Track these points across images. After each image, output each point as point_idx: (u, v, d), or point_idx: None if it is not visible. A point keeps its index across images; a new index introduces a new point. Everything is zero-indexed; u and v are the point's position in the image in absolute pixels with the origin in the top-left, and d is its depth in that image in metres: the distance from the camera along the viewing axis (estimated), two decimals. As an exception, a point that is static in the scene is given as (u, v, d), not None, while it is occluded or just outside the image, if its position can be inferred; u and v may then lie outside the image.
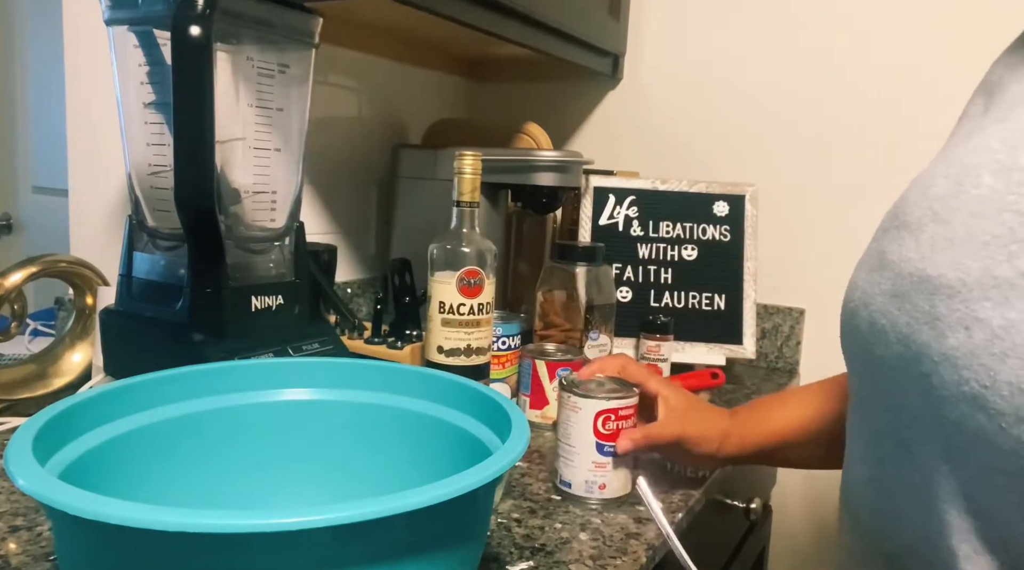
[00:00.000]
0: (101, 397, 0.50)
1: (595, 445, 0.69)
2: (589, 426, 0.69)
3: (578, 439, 0.70)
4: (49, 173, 1.96)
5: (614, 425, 0.69)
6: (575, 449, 0.70)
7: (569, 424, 0.70)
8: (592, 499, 0.69)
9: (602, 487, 0.69)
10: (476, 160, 0.80)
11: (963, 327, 0.36)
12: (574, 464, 0.70)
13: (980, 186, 0.39)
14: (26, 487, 0.36)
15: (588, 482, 0.69)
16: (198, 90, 0.66)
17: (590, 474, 0.69)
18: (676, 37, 1.37)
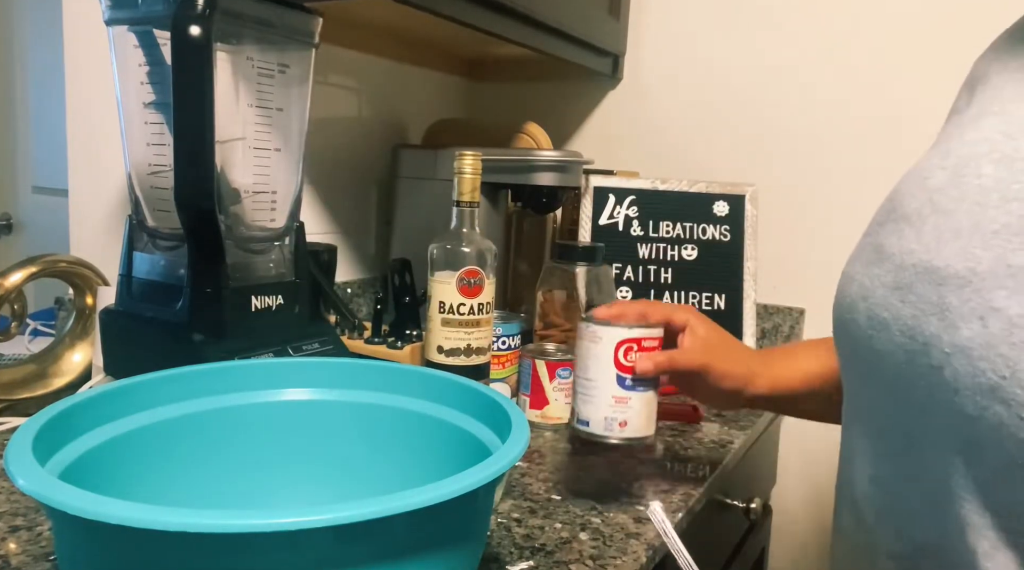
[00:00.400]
0: (101, 397, 0.50)
1: (616, 378, 0.65)
2: (610, 357, 0.64)
3: (598, 372, 0.65)
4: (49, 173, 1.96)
5: (637, 356, 0.64)
6: (594, 383, 0.65)
7: (588, 356, 0.66)
8: (612, 438, 0.65)
9: (623, 424, 0.65)
10: (476, 160, 0.80)
11: (977, 317, 0.35)
12: (593, 399, 0.65)
13: (982, 176, 0.39)
14: (26, 487, 0.36)
15: (608, 419, 0.65)
16: (198, 90, 0.66)
17: (610, 410, 0.65)
18: (676, 37, 1.37)
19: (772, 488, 1.32)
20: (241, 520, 0.33)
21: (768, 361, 0.70)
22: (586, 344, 0.66)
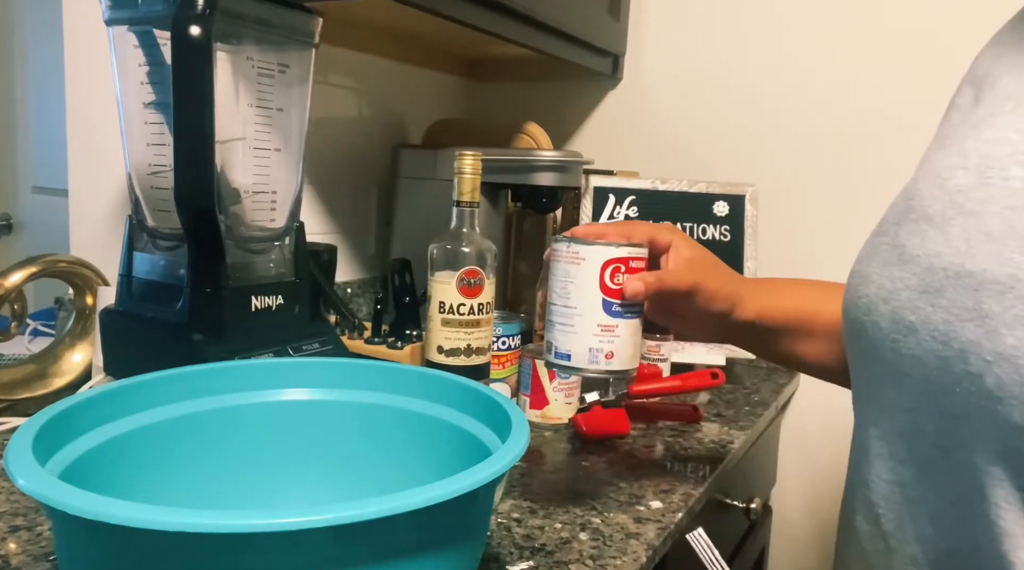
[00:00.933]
0: (101, 397, 0.50)
1: (602, 303, 0.57)
2: (595, 280, 0.57)
3: (580, 297, 0.58)
4: (49, 173, 1.96)
5: (624, 278, 0.57)
6: (576, 310, 0.58)
7: (568, 280, 0.58)
8: (596, 370, 0.58)
9: (609, 356, 0.58)
10: (476, 160, 0.80)
11: (1022, 325, 0.35)
12: (575, 329, 0.58)
13: (1010, 178, 0.38)
14: (26, 487, 0.36)
15: (593, 350, 0.58)
16: (198, 90, 0.66)
17: (595, 340, 0.58)
18: (676, 37, 1.37)
19: (772, 488, 1.32)
20: (241, 520, 0.33)
21: (758, 288, 0.67)
22: (564, 266, 0.58)
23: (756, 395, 1.12)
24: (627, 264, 0.58)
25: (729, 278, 0.64)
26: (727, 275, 0.64)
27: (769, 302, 0.65)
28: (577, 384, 0.91)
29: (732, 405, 1.06)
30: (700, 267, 0.62)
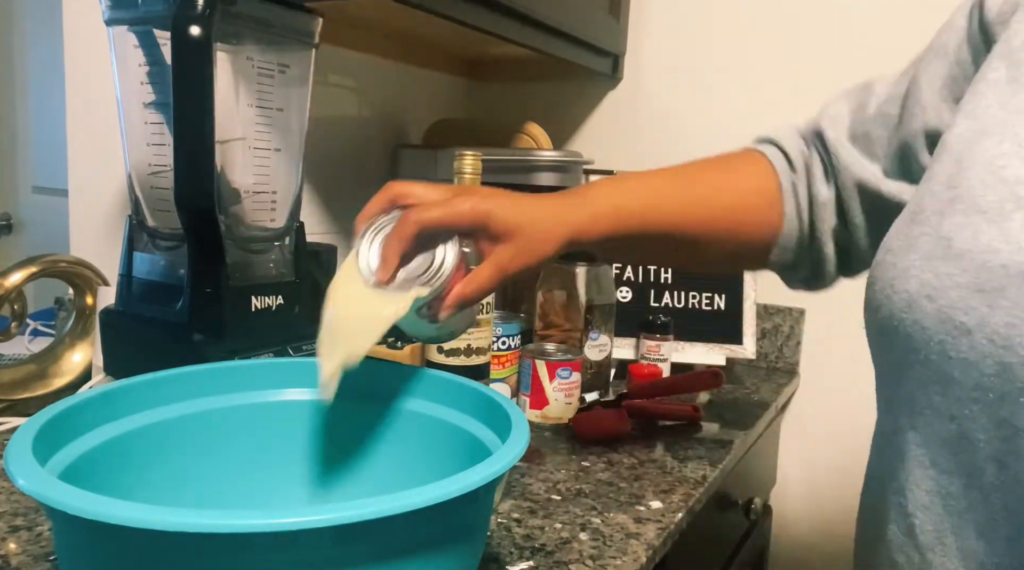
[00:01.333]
0: (101, 397, 0.50)
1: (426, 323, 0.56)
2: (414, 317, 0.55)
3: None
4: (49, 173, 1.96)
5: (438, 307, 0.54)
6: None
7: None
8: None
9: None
10: (476, 160, 0.80)
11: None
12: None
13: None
14: (26, 487, 0.36)
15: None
16: (198, 90, 0.66)
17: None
18: (676, 37, 1.37)
19: (772, 488, 1.32)
20: (241, 520, 0.33)
21: (599, 200, 0.60)
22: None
23: (756, 395, 1.12)
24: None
25: (554, 220, 0.56)
26: (550, 218, 0.55)
27: (617, 210, 0.60)
28: (577, 384, 0.92)
29: (732, 405, 1.06)
30: (511, 244, 0.54)
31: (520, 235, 0.54)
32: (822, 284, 0.69)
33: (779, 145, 0.68)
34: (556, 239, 0.56)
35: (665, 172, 0.67)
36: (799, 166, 0.66)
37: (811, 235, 0.66)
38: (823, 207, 0.64)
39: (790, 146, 0.68)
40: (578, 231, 0.57)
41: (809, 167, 0.66)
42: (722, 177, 0.67)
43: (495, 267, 0.54)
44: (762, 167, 0.67)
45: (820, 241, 0.65)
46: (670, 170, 0.68)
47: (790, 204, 0.66)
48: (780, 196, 0.66)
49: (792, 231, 0.66)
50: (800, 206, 0.66)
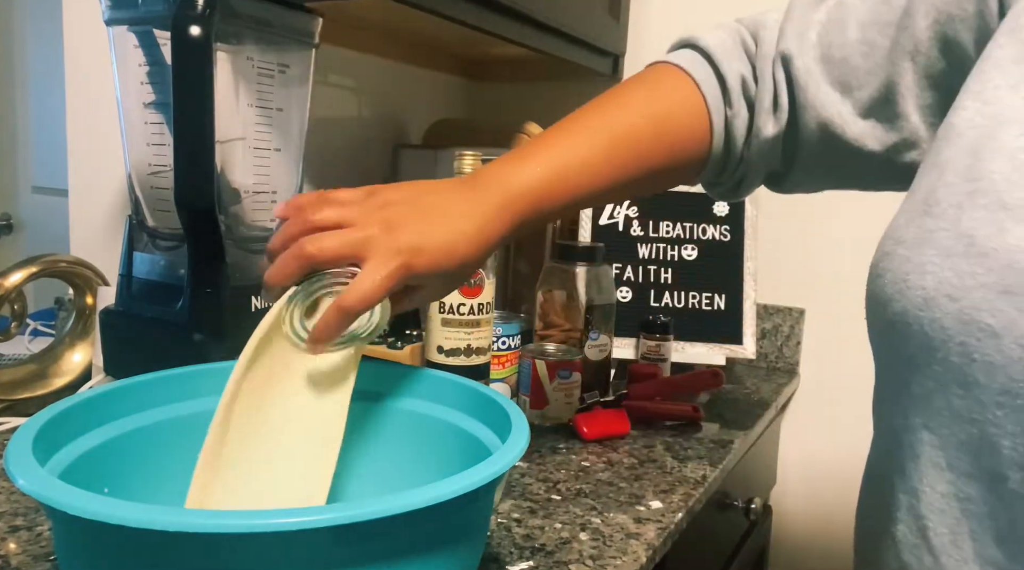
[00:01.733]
0: (101, 397, 0.50)
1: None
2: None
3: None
4: (49, 173, 1.96)
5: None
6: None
7: None
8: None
9: None
10: (476, 160, 0.80)
11: None
12: None
13: None
14: (26, 487, 0.36)
15: None
16: (198, 90, 0.66)
17: None
18: (676, 37, 1.37)
19: (772, 488, 1.32)
20: (241, 520, 0.33)
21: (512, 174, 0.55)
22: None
23: (756, 395, 1.12)
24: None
25: (454, 226, 0.51)
26: (469, 232, 0.51)
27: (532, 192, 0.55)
28: (577, 384, 0.91)
29: (732, 405, 1.06)
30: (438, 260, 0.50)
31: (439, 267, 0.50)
32: (740, 197, 0.68)
33: (714, 62, 0.62)
34: (479, 266, 0.54)
35: (578, 130, 0.61)
36: (736, 96, 0.60)
37: (740, 162, 0.63)
38: (765, 142, 0.60)
39: (728, 67, 0.61)
40: (504, 238, 0.53)
41: (750, 95, 0.60)
42: (642, 117, 0.60)
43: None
44: (689, 95, 0.60)
45: (751, 169, 0.62)
46: (589, 121, 0.61)
47: (719, 136, 0.61)
48: (709, 127, 0.61)
49: (718, 160, 0.63)
50: (733, 137, 0.61)
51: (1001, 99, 0.42)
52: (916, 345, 0.40)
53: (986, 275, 0.37)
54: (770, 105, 0.59)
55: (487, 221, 0.52)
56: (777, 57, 0.58)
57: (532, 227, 0.56)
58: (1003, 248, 0.36)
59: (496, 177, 0.54)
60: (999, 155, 0.39)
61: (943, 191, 0.41)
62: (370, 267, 0.47)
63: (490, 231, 0.52)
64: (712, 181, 0.67)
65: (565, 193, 0.56)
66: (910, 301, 0.40)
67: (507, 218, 0.53)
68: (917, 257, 0.40)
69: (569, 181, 0.56)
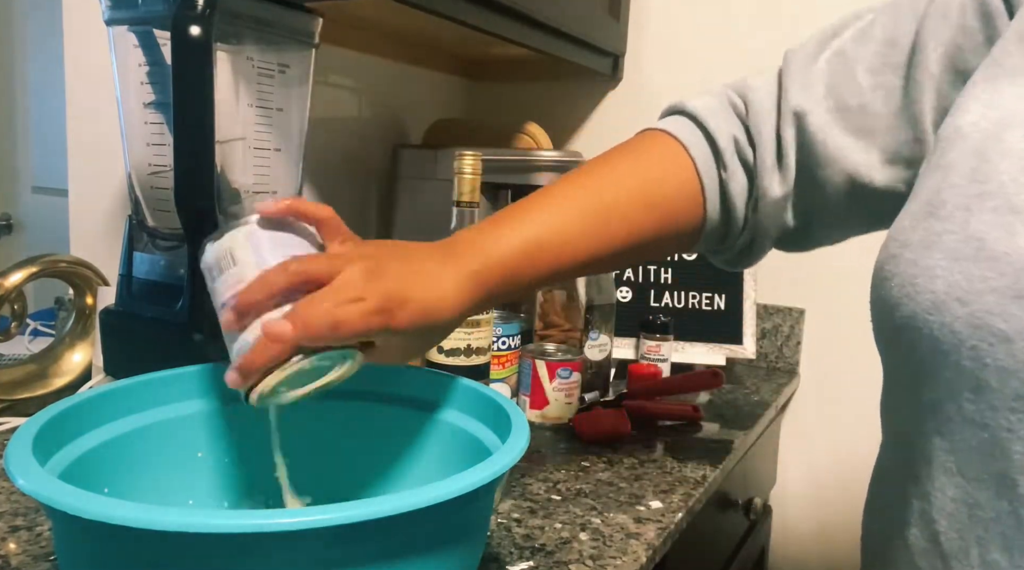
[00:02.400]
0: (101, 397, 0.50)
1: None
2: None
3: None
4: (49, 173, 1.96)
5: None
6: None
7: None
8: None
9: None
10: (476, 160, 0.80)
11: None
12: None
13: None
14: (26, 487, 0.36)
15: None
16: (198, 90, 0.66)
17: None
18: (676, 37, 1.37)
19: (772, 488, 1.32)
20: (241, 520, 0.33)
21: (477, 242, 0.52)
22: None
23: (756, 395, 1.12)
24: None
25: (451, 290, 0.49)
26: (444, 289, 0.48)
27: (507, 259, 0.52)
28: (577, 384, 0.92)
29: (732, 405, 1.06)
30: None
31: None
32: (750, 264, 0.65)
33: (702, 124, 0.59)
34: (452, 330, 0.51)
35: (566, 196, 0.56)
36: (729, 156, 0.58)
37: (745, 226, 0.59)
38: (773, 204, 0.57)
39: (716, 127, 0.58)
40: (478, 303, 0.51)
41: (744, 156, 0.58)
42: (632, 184, 0.57)
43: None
44: (677, 160, 0.58)
45: (760, 233, 0.59)
46: (571, 191, 0.57)
47: (713, 200, 0.58)
48: (700, 191, 0.58)
49: (716, 226, 0.60)
50: (730, 200, 0.58)
51: (1006, 103, 0.42)
52: (926, 349, 0.40)
53: (997, 279, 0.36)
54: (773, 164, 0.57)
55: (462, 288, 0.49)
56: (787, 114, 0.56)
57: (507, 298, 0.54)
58: (1015, 251, 0.36)
59: (472, 244, 0.52)
60: (1006, 157, 0.39)
61: (949, 193, 0.40)
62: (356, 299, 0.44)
63: (465, 298, 0.49)
64: (714, 248, 0.64)
65: (541, 266, 0.53)
66: (919, 305, 0.40)
67: (479, 287, 0.50)
68: (924, 260, 0.40)
69: (544, 254, 0.53)
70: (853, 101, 0.54)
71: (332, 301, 0.43)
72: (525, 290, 0.54)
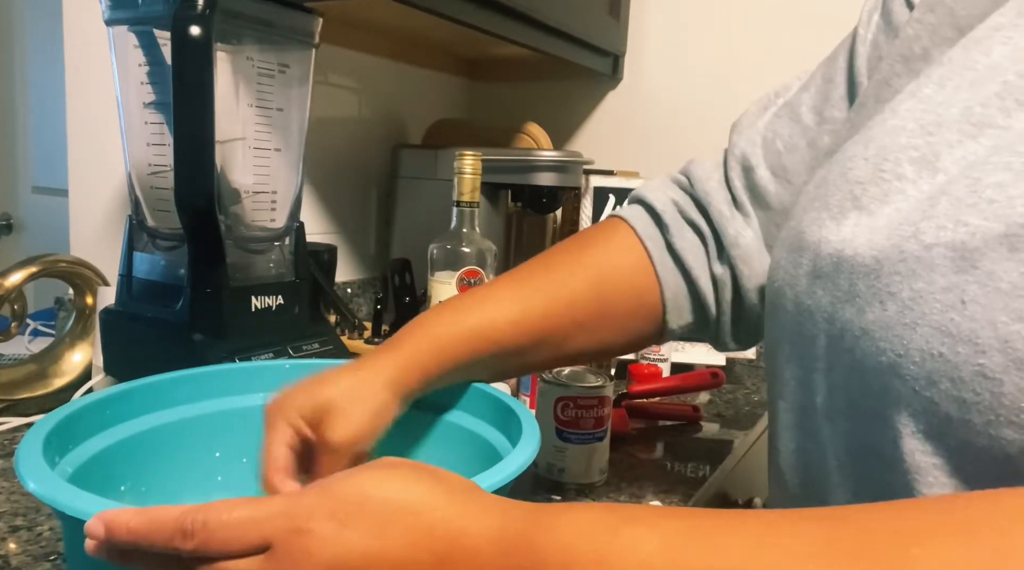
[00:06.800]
0: (112, 399, 0.50)
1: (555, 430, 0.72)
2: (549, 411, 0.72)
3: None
4: (49, 173, 1.96)
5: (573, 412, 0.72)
6: None
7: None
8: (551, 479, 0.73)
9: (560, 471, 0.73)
10: (476, 160, 0.80)
11: (878, 301, 0.37)
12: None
13: (903, 178, 0.39)
14: (37, 491, 0.35)
15: (549, 464, 0.73)
16: (198, 90, 0.66)
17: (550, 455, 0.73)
18: (676, 37, 1.37)
19: (772, 488, 1.32)
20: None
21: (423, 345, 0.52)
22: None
23: (756, 395, 1.12)
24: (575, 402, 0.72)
25: (372, 395, 0.49)
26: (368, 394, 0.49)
27: (436, 346, 0.52)
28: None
29: (732, 405, 1.06)
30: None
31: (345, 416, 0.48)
32: (757, 338, 0.59)
33: (642, 199, 0.59)
34: (376, 401, 0.50)
35: (508, 283, 0.56)
36: (670, 218, 0.57)
37: (718, 290, 0.57)
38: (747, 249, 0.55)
39: (654, 197, 0.58)
40: (396, 378, 0.50)
41: (689, 216, 0.57)
42: (575, 265, 0.56)
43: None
44: (622, 239, 0.58)
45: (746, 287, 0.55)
46: (515, 278, 0.57)
47: (664, 265, 0.57)
48: (649, 259, 0.56)
49: (681, 295, 0.57)
50: (683, 262, 0.56)
51: (871, 122, 0.46)
52: (775, 329, 0.47)
53: (806, 264, 0.43)
54: (731, 212, 0.56)
55: (368, 368, 0.50)
56: (734, 165, 0.56)
57: (444, 376, 0.53)
58: (817, 240, 0.42)
59: (405, 329, 0.52)
60: (836, 162, 0.45)
61: (803, 197, 0.46)
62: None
63: (373, 373, 0.50)
64: (702, 325, 0.59)
65: (478, 344, 0.53)
66: (772, 293, 0.47)
67: (398, 363, 0.50)
68: (776, 256, 0.47)
69: (477, 339, 0.53)
70: (801, 141, 0.55)
71: None
72: (463, 373, 0.54)
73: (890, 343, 0.36)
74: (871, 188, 0.41)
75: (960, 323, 0.34)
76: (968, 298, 0.34)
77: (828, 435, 0.42)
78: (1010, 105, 0.38)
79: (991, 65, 0.40)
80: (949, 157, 0.38)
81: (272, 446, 0.47)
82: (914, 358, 0.35)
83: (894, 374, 0.36)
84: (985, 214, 0.34)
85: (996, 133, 0.38)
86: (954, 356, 0.34)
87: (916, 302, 0.35)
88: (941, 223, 0.36)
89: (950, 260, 0.35)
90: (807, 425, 0.44)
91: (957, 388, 0.34)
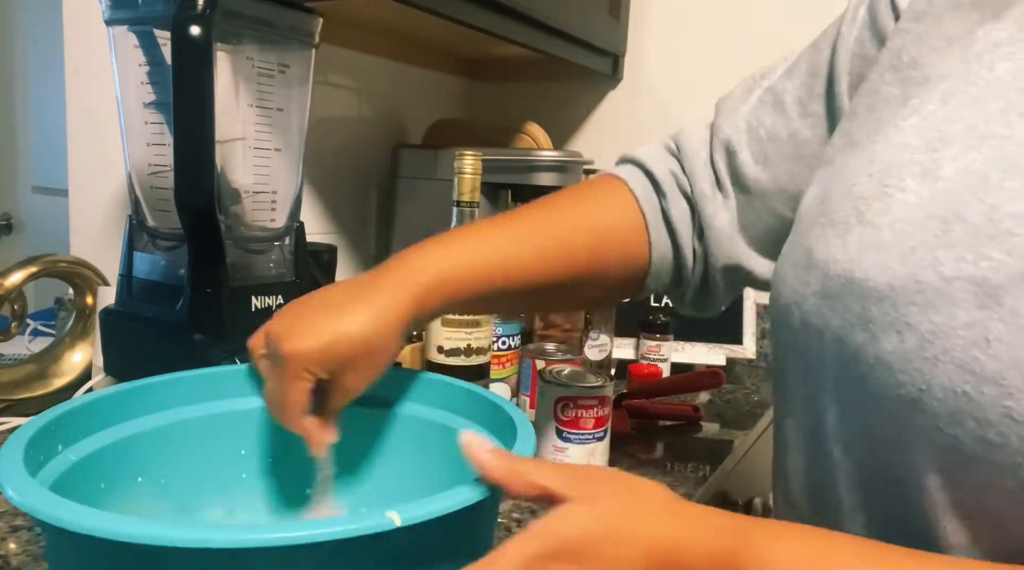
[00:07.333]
0: (98, 402, 0.49)
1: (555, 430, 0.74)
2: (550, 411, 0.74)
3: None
4: (49, 173, 1.96)
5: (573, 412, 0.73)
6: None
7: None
8: None
9: None
10: (476, 160, 0.80)
11: (895, 331, 0.36)
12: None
13: (905, 190, 0.39)
14: (15, 499, 0.35)
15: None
16: (198, 90, 0.66)
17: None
18: (676, 37, 1.37)
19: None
20: (237, 535, 0.32)
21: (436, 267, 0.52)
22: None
23: (756, 395, 1.12)
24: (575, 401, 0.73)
25: (383, 326, 0.49)
26: (379, 325, 0.49)
27: (444, 280, 0.52)
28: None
29: (732, 405, 1.06)
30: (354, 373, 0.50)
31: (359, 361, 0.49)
32: (714, 308, 0.63)
33: (640, 163, 0.62)
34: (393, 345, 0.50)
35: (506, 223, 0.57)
36: (668, 187, 0.60)
37: (695, 261, 0.60)
38: (719, 232, 0.57)
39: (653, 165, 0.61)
40: (408, 318, 0.50)
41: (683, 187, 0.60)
42: (574, 215, 0.59)
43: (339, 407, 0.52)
44: (619, 192, 0.61)
45: (714, 267, 0.58)
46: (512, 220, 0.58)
47: (657, 229, 0.59)
48: (644, 221, 0.59)
49: (666, 258, 0.60)
50: (675, 228, 0.59)
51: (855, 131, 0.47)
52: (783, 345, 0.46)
53: (815, 283, 0.42)
54: (713, 192, 0.58)
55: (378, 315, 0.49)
56: (719, 148, 0.60)
57: (444, 312, 0.54)
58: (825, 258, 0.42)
59: (405, 261, 0.52)
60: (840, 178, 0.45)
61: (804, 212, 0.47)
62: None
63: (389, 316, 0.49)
64: (673, 287, 0.62)
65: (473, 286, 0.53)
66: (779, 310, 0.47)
67: (408, 302, 0.50)
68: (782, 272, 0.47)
69: (477, 273, 0.53)
70: (783, 131, 0.56)
71: None
72: (460, 308, 0.56)
73: (910, 376, 0.36)
74: (875, 203, 0.40)
75: (985, 362, 0.33)
76: (992, 336, 0.33)
77: (840, 459, 0.42)
78: (1012, 118, 0.38)
79: (994, 81, 0.40)
80: (951, 167, 0.38)
81: (294, 393, 0.48)
82: (937, 394, 0.35)
83: (916, 408, 0.35)
84: (1007, 248, 0.34)
85: (997, 142, 0.38)
86: (979, 396, 0.33)
87: (936, 336, 0.35)
88: (960, 254, 0.35)
89: (972, 295, 0.34)
90: (817, 447, 0.44)
91: (983, 429, 0.33)
